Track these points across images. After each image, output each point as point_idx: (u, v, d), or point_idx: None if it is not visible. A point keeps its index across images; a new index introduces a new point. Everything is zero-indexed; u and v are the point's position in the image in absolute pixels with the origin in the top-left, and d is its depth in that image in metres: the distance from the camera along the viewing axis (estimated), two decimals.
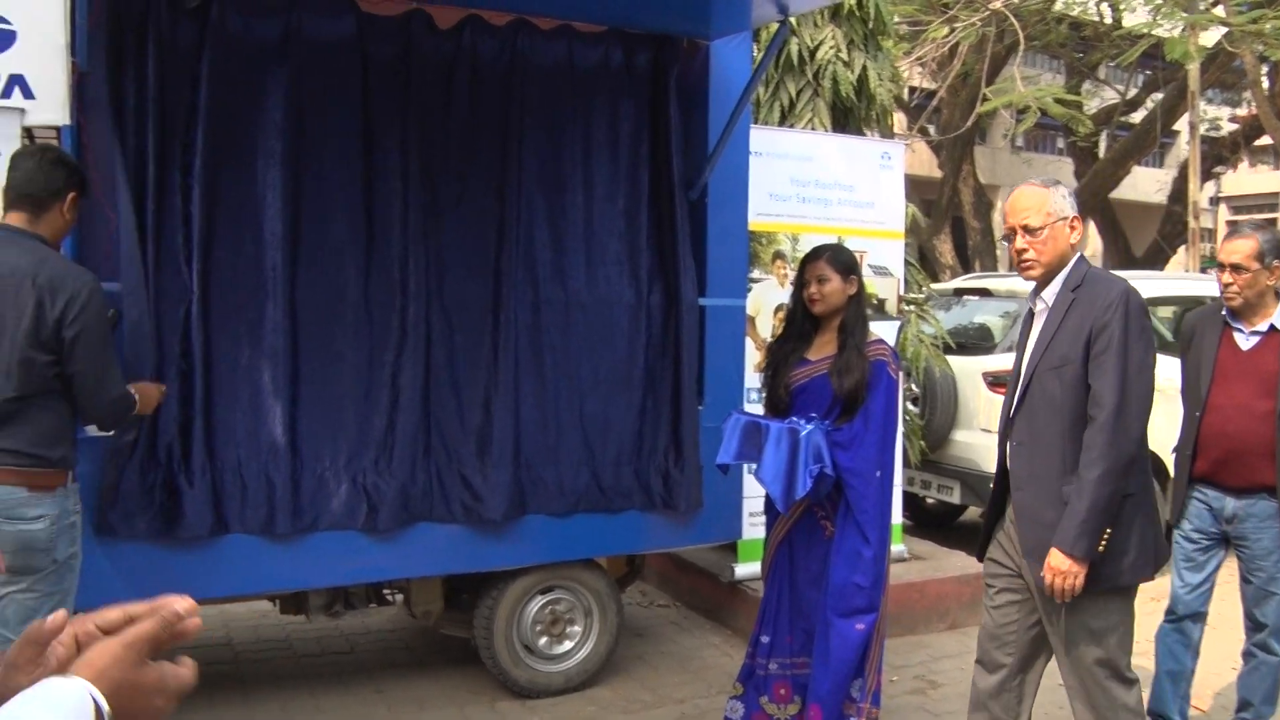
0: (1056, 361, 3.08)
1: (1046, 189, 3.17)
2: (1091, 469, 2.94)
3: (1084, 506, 2.93)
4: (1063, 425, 3.06)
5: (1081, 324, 3.04)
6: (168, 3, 3.81)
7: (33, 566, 3.04)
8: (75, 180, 3.25)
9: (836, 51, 5.76)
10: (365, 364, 4.16)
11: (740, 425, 3.72)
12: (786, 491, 3.54)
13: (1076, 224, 3.16)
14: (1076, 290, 3.10)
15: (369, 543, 4.12)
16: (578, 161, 4.56)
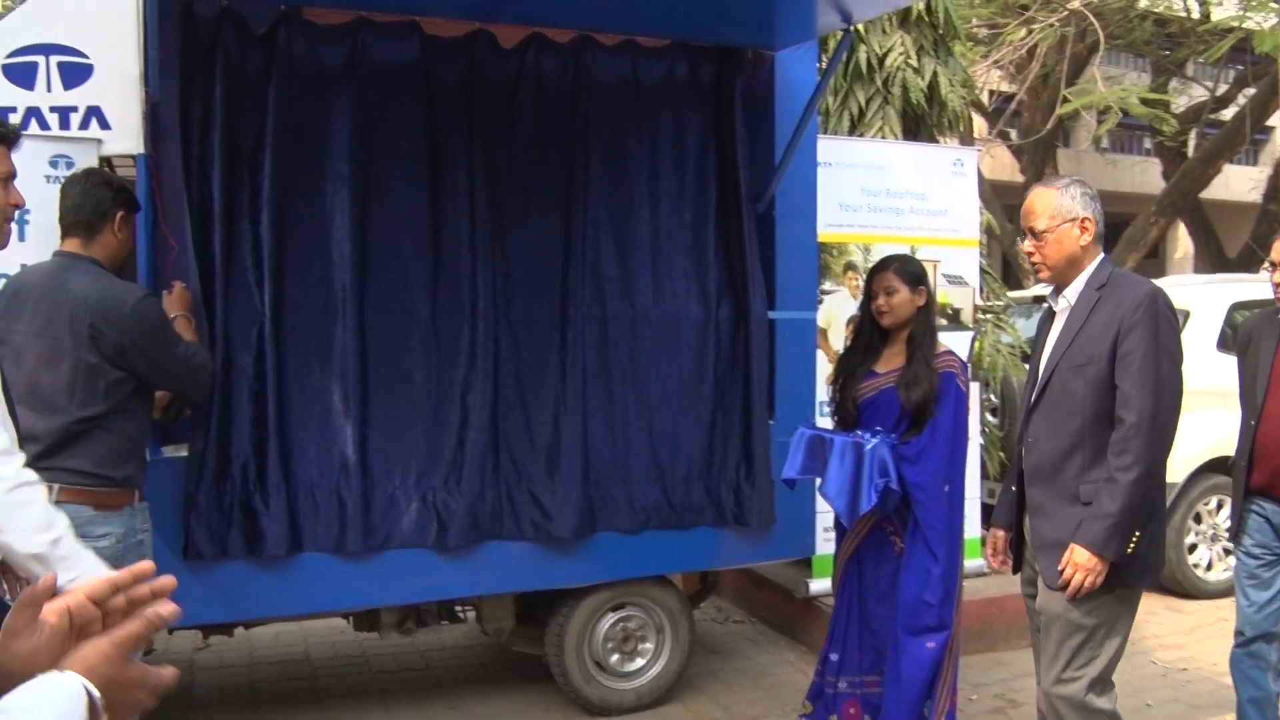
0: (1080, 359, 3.05)
1: (1056, 190, 3.13)
2: (1128, 471, 2.91)
3: (1117, 508, 2.92)
4: (1082, 422, 3.04)
5: (1109, 323, 3.00)
6: (236, 31, 3.88)
7: None
8: (121, 199, 3.30)
9: (906, 58, 5.68)
10: (434, 382, 4.19)
11: (805, 439, 3.66)
12: (851, 506, 3.48)
13: (1087, 225, 3.10)
14: (1101, 289, 3.07)
15: (439, 561, 4.14)
16: (643, 177, 4.55)
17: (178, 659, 5.16)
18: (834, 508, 3.56)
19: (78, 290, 3.10)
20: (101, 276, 3.19)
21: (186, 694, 4.78)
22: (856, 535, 3.71)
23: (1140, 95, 13.66)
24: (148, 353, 3.17)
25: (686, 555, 4.59)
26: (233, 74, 3.89)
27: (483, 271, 4.23)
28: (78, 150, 3.67)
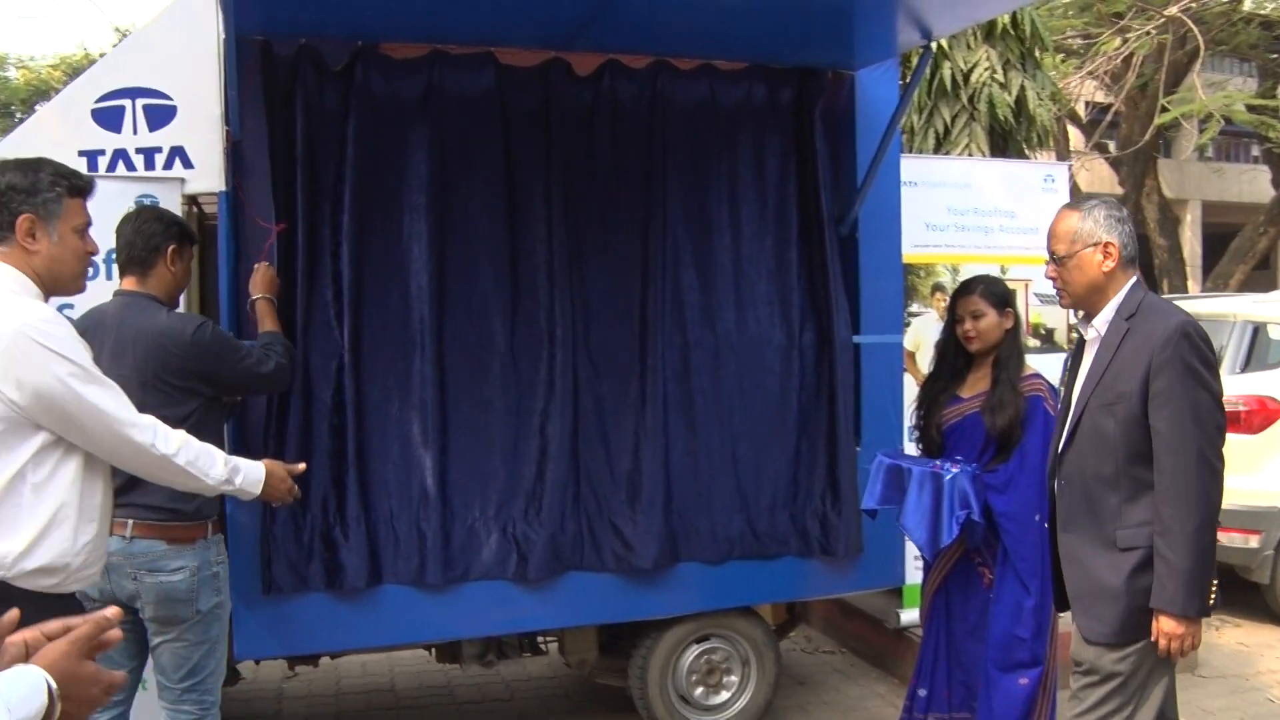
0: (1110, 397, 2.85)
1: (1078, 213, 2.94)
2: (1186, 521, 2.69)
3: (1188, 564, 2.68)
4: (1115, 465, 2.83)
5: (1138, 358, 2.80)
6: (314, 67, 3.93)
7: (177, 616, 3.13)
8: (173, 233, 3.32)
9: (991, 73, 5.55)
10: (513, 413, 4.17)
11: (883, 469, 3.56)
12: (931, 539, 3.37)
13: (1111, 250, 2.90)
14: (1131, 319, 2.87)
15: (519, 592, 4.10)
16: (723, 201, 4.49)
17: (266, 687, 5.21)
18: (913, 540, 3.45)
19: (138, 326, 3.16)
20: (159, 311, 3.24)
21: None
22: (943, 567, 3.58)
23: (1245, 101, 13.18)
24: (215, 376, 3.23)
25: (771, 586, 4.50)
26: (311, 110, 3.93)
27: (561, 300, 4.20)
28: (162, 190, 3.75)
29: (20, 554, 2.37)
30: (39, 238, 2.48)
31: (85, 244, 2.60)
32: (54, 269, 2.53)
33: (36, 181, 2.50)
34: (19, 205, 2.47)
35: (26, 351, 2.34)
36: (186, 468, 2.67)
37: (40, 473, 2.42)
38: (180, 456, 2.65)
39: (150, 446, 2.57)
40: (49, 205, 2.50)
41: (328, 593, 3.89)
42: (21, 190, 2.48)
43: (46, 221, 2.49)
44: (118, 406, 2.51)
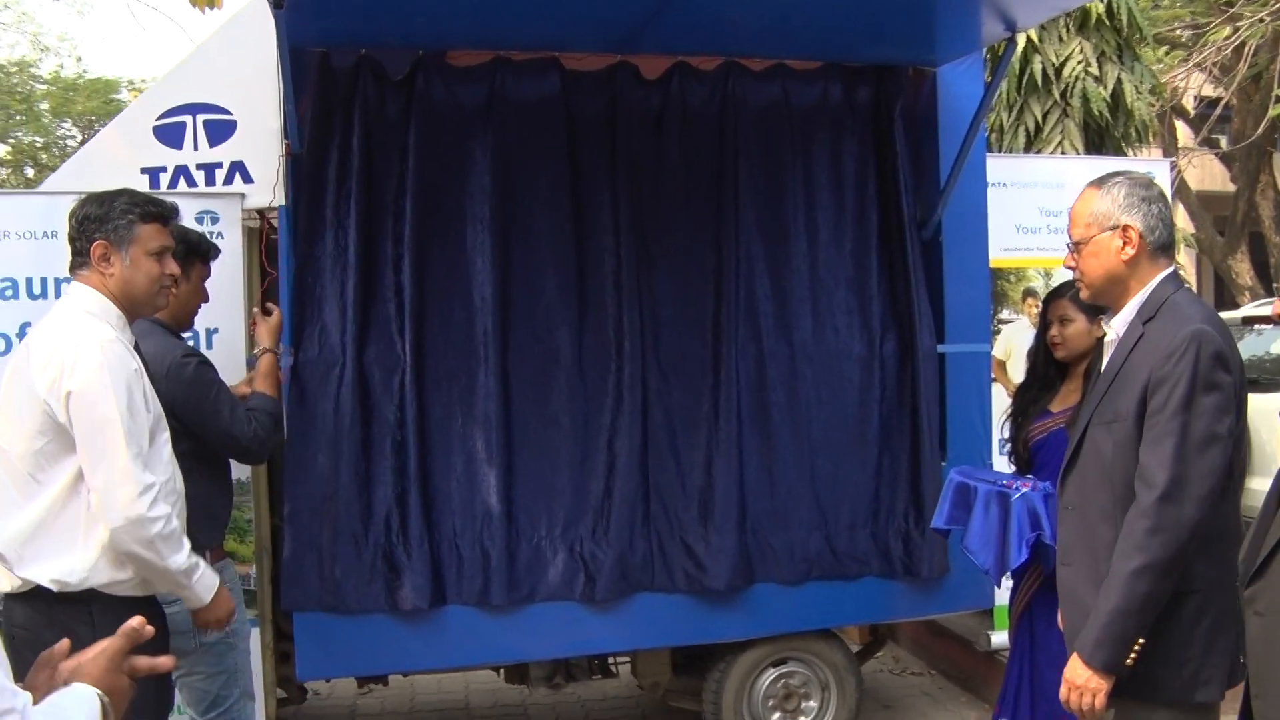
0: (1109, 415, 2.47)
1: (1098, 190, 2.54)
2: (1127, 560, 2.32)
3: (1110, 606, 2.34)
4: (1113, 493, 2.45)
5: (1140, 371, 2.41)
6: (374, 78, 3.86)
7: (180, 649, 3.06)
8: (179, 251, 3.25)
9: (1085, 66, 5.26)
10: (580, 428, 4.04)
11: (953, 486, 3.37)
12: (998, 562, 3.15)
13: (1130, 234, 2.47)
14: (1149, 323, 2.45)
15: (587, 614, 3.97)
16: (799, 206, 4.30)
17: (339, 704, 5.17)
18: (978, 564, 3.23)
19: (148, 354, 3.10)
20: (155, 333, 3.18)
21: None
22: (1028, 589, 3.35)
23: None
24: (184, 418, 3.10)
25: (852, 608, 4.29)
26: (371, 121, 3.87)
27: (629, 311, 4.06)
28: (222, 205, 3.72)
29: (89, 569, 2.51)
30: (112, 261, 2.67)
31: (162, 266, 2.78)
32: (127, 290, 2.70)
33: (110, 210, 2.70)
34: (93, 232, 2.68)
35: (76, 364, 2.49)
36: (155, 540, 2.55)
37: None
38: (153, 527, 2.54)
39: (135, 493, 2.51)
40: (120, 231, 2.68)
41: (390, 614, 3.81)
42: (95, 219, 2.69)
43: (119, 246, 2.68)
44: (125, 449, 2.51)
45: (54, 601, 2.48)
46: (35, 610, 2.50)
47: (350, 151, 3.84)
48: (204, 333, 3.71)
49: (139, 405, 2.58)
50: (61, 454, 2.50)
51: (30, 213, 3.58)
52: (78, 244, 2.69)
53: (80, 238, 2.68)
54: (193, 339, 3.68)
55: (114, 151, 3.78)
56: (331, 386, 3.79)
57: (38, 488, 2.51)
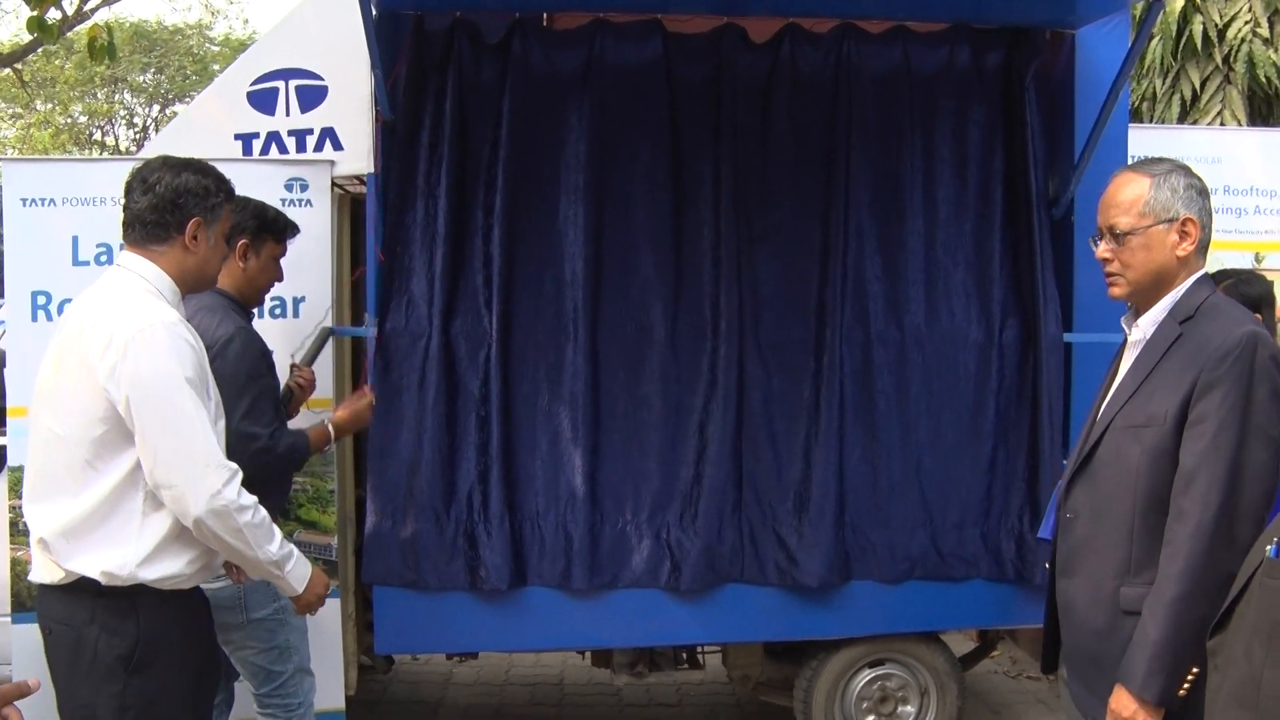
0: (1140, 418, 2.26)
1: (1150, 178, 2.30)
2: (1174, 585, 2.13)
3: (1159, 635, 2.13)
4: (1133, 503, 2.25)
5: (1183, 373, 2.20)
6: (469, 41, 3.73)
7: (227, 624, 3.05)
8: (248, 227, 3.18)
9: (1253, 27, 4.74)
10: (671, 411, 3.87)
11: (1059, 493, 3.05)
12: None
13: (1189, 229, 2.28)
14: (1186, 323, 2.26)
15: (671, 603, 3.83)
16: (917, 180, 4.00)
17: (436, 670, 5.17)
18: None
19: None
20: (213, 310, 3.07)
21: (434, 710, 4.75)
22: None
23: None
24: None
25: (956, 611, 4.03)
26: (466, 86, 3.75)
27: (728, 289, 3.85)
28: (311, 173, 3.66)
29: (139, 563, 2.36)
30: (199, 240, 2.52)
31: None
32: (204, 270, 2.58)
33: (212, 185, 2.55)
34: (193, 207, 2.51)
35: (140, 349, 2.32)
36: (244, 529, 2.41)
37: None
38: (242, 516, 2.40)
39: (203, 484, 2.35)
40: (215, 210, 2.56)
41: (469, 592, 3.73)
42: (198, 193, 2.52)
43: (210, 225, 2.55)
44: (204, 436, 2.37)
45: (97, 595, 2.36)
46: (77, 604, 2.37)
47: (443, 118, 3.73)
48: (290, 301, 3.67)
49: (207, 391, 2.45)
50: (122, 443, 2.35)
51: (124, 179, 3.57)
52: (166, 216, 2.46)
53: (173, 210, 2.47)
54: (278, 306, 3.64)
55: (210, 117, 3.76)
56: (417, 359, 3.71)
57: (95, 475, 2.36)
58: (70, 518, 2.36)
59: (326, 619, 3.72)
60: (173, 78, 22.41)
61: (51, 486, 2.40)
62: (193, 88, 22.67)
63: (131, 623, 2.36)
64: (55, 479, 2.40)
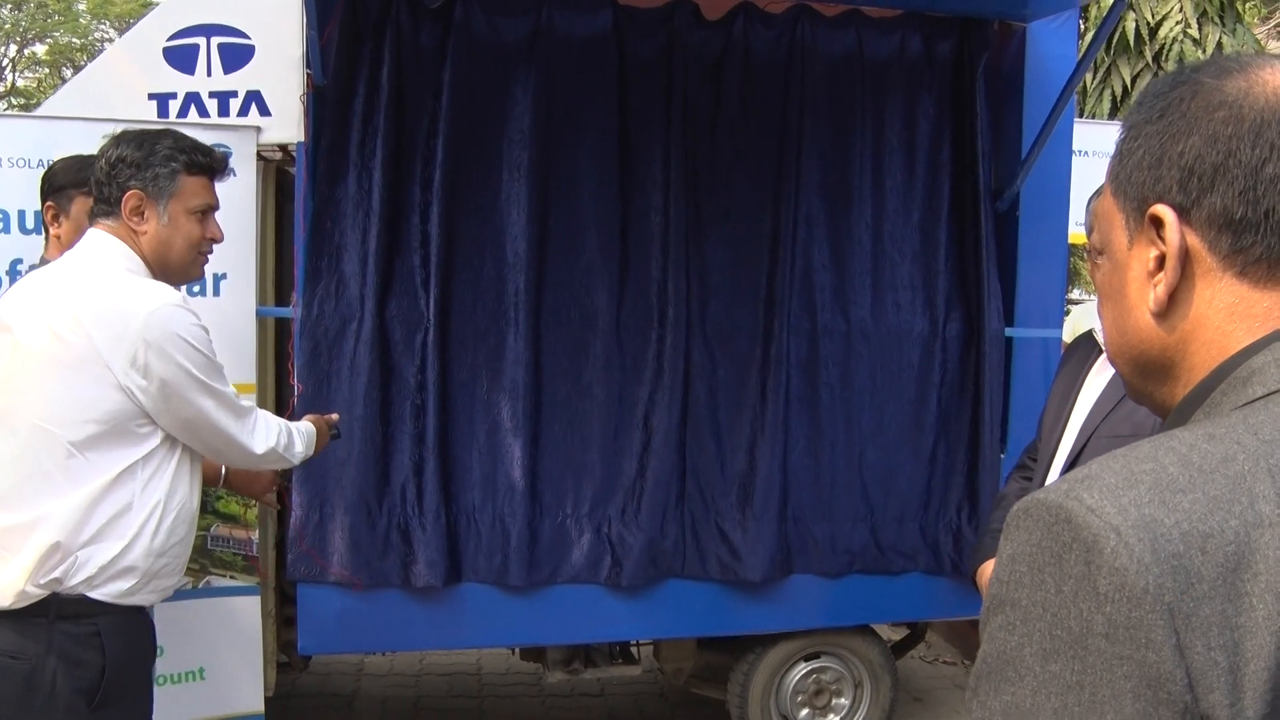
0: (1126, 429, 2.25)
1: None
2: None
3: None
4: None
5: None
6: (408, 5, 3.49)
7: None
8: None
9: (1184, 26, 4.80)
10: (615, 400, 3.72)
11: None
12: None
13: None
14: None
15: (611, 599, 3.70)
16: (866, 169, 3.92)
17: (346, 661, 4.95)
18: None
19: None
20: None
21: (348, 703, 4.55)
22: None
23: None
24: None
25: (893, 604, 4.00)
26: (404, 53, 3.51)
27: (675, 275, 3.72)
28: (235, 139, 3.37)
29: (115, 556, 2.17)
30: (147, 217, 2.31)
31: (203, 229, 2.41)
32: (161, 253, 2.35)
33: (151, 154, 2.32)
34: (128, 179, 2.30)
35: (160, 339, 2.16)
36: (284, 455, 2.53)
37: (148, 470, 2.23)
38: (279, 449, 2.49)
39: (255, 451, 2.43)
40: (160, 181, 2.32)
41: (401, 589, 3.54)
42: (131, 164, 2.30)
43: (156, 199, 2.32)
44: (230, 410, 2.34)
45: (56, 620, 2.10)
46: (31, 632, 2.09)
47: (379, 86, 3.49)
48: (211, 279, 3.39)
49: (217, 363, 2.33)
50: (117, 445, 2.17)
51: (25, 139, 3.24)
52: (106, 190, 2.30)
53: (110, 183, 2.29)
54: (199, 285, 3.36)
55: (120, 73, 3.43)
56: (348, 343, 3.49)
57: (85, 467, 2.15)
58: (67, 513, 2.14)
59: (244, 617, 3.51)
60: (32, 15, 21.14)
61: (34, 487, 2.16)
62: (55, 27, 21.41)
63: (95, 651, 2.13)
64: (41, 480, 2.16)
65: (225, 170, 2.52)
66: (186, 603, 3.40)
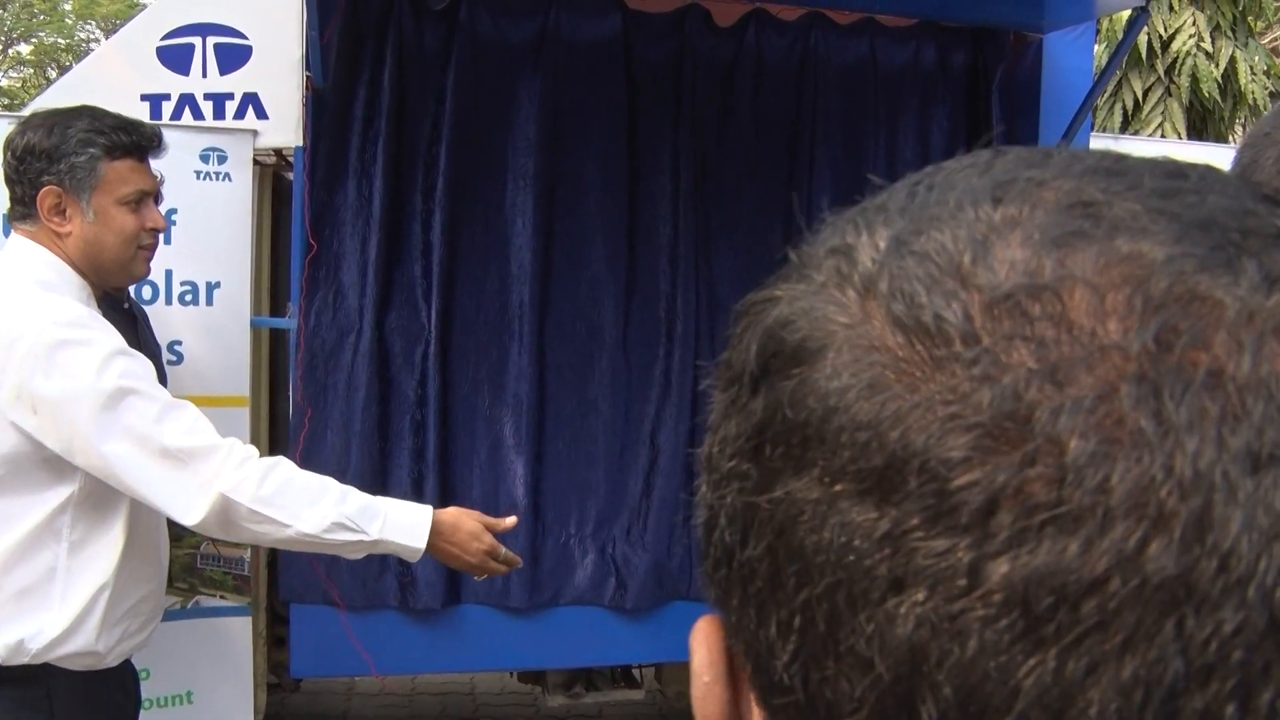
0: None
1: None
2: None
3: None
4: None
5: None
6: (411, 6, 3.38)
7: None
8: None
9: (1198, 40, 4.73)
10: (621, 418, 3.61)
11: None
12: None
13: None
14: None
15: (616, 621, 3.58)
16: (881, 180, 3.82)
17: (337, 680, 4.81)
18: None
19: None
20: None
21: None
22: None
23: None
24: None
25: None
26: (406, 55, 3.40)
27: (684, 288, 3.61)
28: (231, 142, 3.24)
29: (55, 640, 1.87)
30: (69, 215, 1.98)
31: (140, 219, 2.06)
32: (92, 255, 2.02)
33: (64, 140, 1.96)
34: (40, 173, 1.96)
35: (41, 366, 1.81)
36: (250, 516, 1.87)
37: (78, 529, 1.89)
38: (239, 501, 1.86)
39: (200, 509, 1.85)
40: (78, 172, 1.97)
41: (399, 610, 3.42)
42: (43, 154, 1.95)
43: (77, 194, 1.98)
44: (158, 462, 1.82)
45: None
46: None
47: (380, 89, 3.37)
48: (204, 287, 3.26)
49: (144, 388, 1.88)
50: (27, 488, 1.84)
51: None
52: (18, 188, 1.97)
53: (21, 180, 1.96)
54: (189, 293, 3.23)
55: (112, 73, 3.30)
56: (346, 356, 3.36)
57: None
58: None
59: (235, 639, 3.38)
60: (16, 15, 20.94)
61: None
62: (40, 27, 21.20)
63: (44, 715, 1.89)
64: None
65: (159, 146, 2.14)
66: (174, 624, 3.26)
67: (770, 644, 0.34)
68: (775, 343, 0.35)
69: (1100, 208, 0.32)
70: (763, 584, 0.34)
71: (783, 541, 0.33)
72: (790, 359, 0.34)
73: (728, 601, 0.38)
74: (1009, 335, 0.29)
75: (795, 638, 0.33)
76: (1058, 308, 0.29)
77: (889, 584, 0.29)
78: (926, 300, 0.31)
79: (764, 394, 0.35)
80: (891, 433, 0.30)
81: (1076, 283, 0.29)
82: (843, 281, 0.35)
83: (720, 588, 0.39)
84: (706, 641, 0.41)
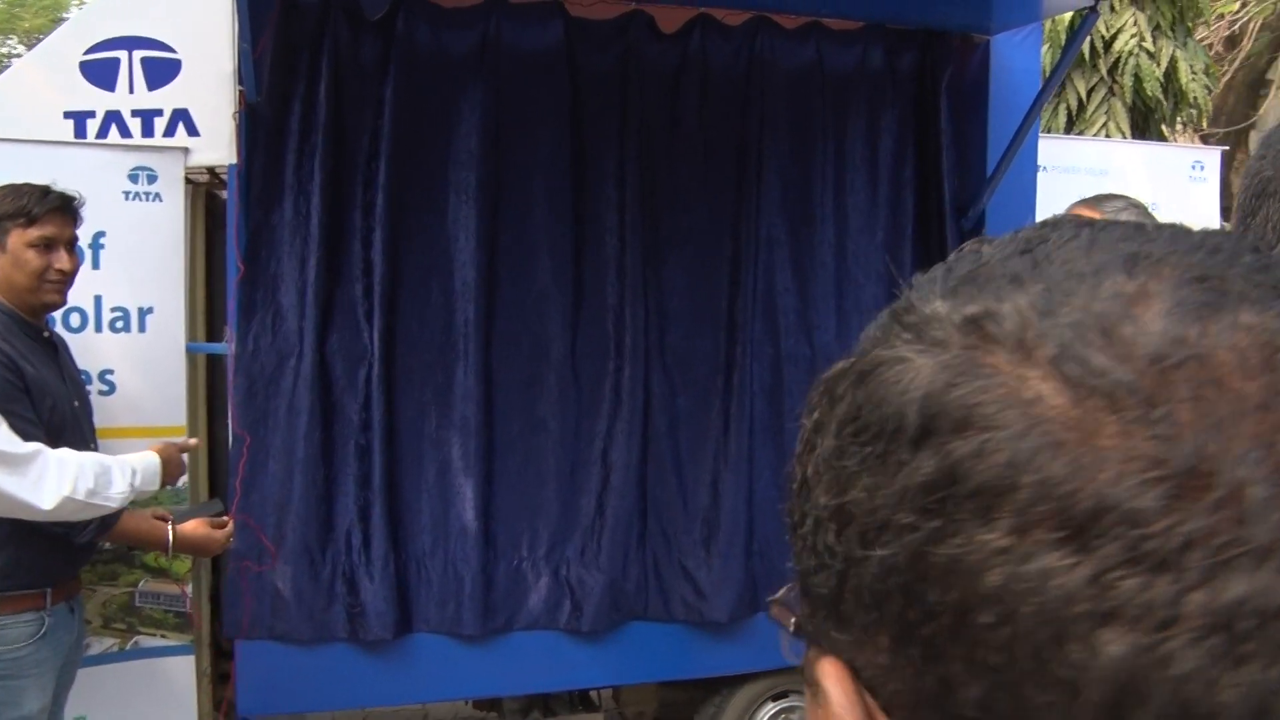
0: None
1: (1100, 214, 2.21)
2: None
3: None
4: None
5: None
6: (347, 18, 3.27)
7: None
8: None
9: (1139, 40, 4.74)
10: (571, 435, 3.52)
11: None
12: None
13: None
14: None
15: (571, 644, 3.49)
16: (828, 187, 3.78)
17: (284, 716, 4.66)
18: None
19: None
20: None
21: None
22: None
23: None
24: None
25: None
26: (343, 68, 3.29)
27: (632, 301, 3.53)
28: (161, 161, 3.12)
29: None
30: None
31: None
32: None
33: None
34: None
35: None
36: (90, 502, 2.39)
37: None
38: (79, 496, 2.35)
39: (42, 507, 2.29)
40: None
41: (348, 642, 3.30)
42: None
43: None
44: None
45: None
46: None
47: (316, 103, 3.26)
48: (136, 312, 3.13)
49: None
50: None
51: None
52: None
53: None
54: (121, 319, 3.10)
55: (32, 89, 3.16)
56: (286, 380, 3.24)
57: None
58: None
59: (177, 679, 3.25)
60: None
61: None
62: None
63: None
64: None
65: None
66: (112, 666, 3.15)
67: (947, 680, 0.37)
68: (935, 405, 0.38)
69: (1216, 283, 0.36)
70: (942, 626, 0.36)
71: (972, 588, 0.35)
72: (960, 421, 0.36)
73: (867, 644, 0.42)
74: (1178, 398, 0.33)
75: (991, 673, 0.35)
76: (1210, 372, 0.34)
77: (1096, 618, 0.33)
78: (1098, 364, 0.35)
79: (932, 453, 0.37)
80: (1087, 487, 0.34)
81: (1219, 349, 0.34)
82: (992, 345, 0.37)
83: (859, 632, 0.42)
84: (840, 684, 0.44)
